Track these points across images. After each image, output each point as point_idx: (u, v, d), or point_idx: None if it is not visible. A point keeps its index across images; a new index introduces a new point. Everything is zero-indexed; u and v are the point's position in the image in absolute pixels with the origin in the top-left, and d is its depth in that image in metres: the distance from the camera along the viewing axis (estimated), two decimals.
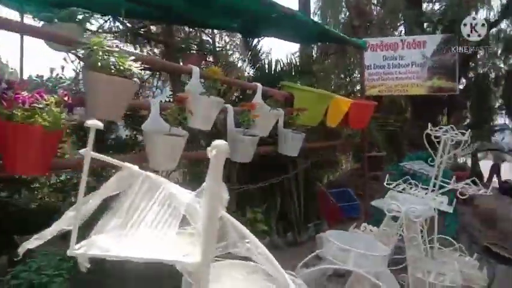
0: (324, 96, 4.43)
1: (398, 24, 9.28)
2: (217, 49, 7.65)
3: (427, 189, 3.73)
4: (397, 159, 7.21)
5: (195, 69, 2.84)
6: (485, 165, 12.28)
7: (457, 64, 6.30)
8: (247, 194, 5.26)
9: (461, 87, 12.51)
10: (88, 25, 4.12)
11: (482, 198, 6.17)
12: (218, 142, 0.99)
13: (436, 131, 4.24)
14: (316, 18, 12.88)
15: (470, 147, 7.39)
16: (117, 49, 1.90)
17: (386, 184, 3.89)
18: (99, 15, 5.30)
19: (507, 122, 14.49)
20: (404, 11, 9.70)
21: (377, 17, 9.30)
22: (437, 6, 11.62)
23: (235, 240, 1.07)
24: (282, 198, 5.79)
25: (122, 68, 1.87)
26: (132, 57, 2.00)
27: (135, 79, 2.02)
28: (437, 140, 4.15)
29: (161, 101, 3.39)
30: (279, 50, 26.14)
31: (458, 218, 5.86)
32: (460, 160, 14.74)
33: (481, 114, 11.70)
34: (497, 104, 13.47)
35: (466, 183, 3.68)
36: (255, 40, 6.30)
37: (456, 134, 4.10)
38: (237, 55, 8.41)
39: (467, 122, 12.42)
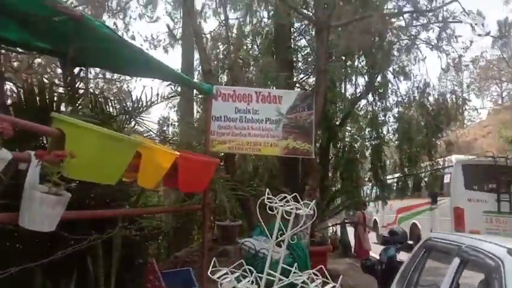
0: (120, 141, 3.08)
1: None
2: None
3: None
4: (249, 231, 6.18)
5: None
6: None
7: (313, 125, 5.62)
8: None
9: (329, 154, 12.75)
10: None
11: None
12: None
13: (271, 200, 3.25)
14: None
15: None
16: None
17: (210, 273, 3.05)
18: None
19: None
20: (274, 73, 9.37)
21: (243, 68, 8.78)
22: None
23: None
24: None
25: None
26: None
27: None
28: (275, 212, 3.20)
29: None
30: None
31: None
32: (332, 230, 14.62)
33: (350, 184, 11.67)
34: (366, 177, 13.89)
35: None
36: None
37: (294, 204, 3.16)
38: None
39: (335, 189, 12.35)
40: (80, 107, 4.60)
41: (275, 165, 11.91)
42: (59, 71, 6.43)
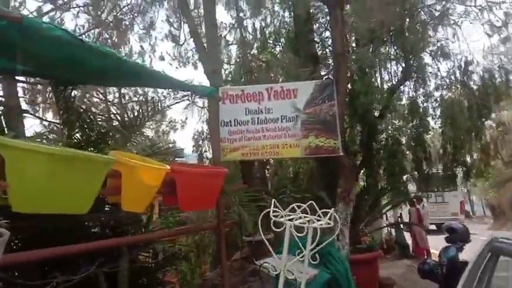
0: (83, 161, 2.53)
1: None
2: None
3: None
4: (277, 246, 5.49)
5: None
6: None
7: (337, 117, 4.87)
8: None
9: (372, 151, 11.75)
10: None
11: None
12: None
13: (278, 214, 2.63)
14: None
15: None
16: None
17: None
18: None
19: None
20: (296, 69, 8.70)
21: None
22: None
23: None
24: None
25: None
26: None
27: None
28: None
29: None
30: None
31: None
32: (387, 231, 13.50)
33: (394, 179, 10.67)
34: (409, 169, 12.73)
35: None
36: None
37: (303, 218, 2.52)
38: None
39: (382, 186, 11.32)
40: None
41: (314, 169, 11.16)
42: None
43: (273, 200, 2.89)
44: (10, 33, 2.56)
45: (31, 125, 16.05)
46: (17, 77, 5.00)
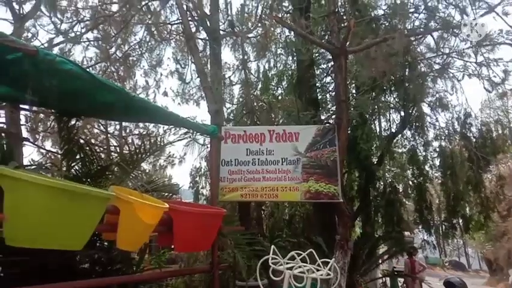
0: (83, 195, 2.48)
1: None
2: None
3: None
4: None
5: None
6: None
7: (338, 163, 4.86)
8: None
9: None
10: None
11: None
12: None
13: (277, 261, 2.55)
14: None
15: None
16: None
17: None
18: None
19: (425, 237, 13.48)
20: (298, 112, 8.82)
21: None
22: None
23: None
24: None
25: None
26: None
27: None
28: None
29: None
30: None
31: None
32: (383, 280, 13.14)
33: (392, 228, 10.53)
34: (411, 218, 12.59)
35: None
36: None
37: (302, 267, 2.42)
38: None
39: (379, 234, 11.12)
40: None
41: (310, 212, 11.01)
42: None
43: (272, 246, 2.81)
44: (23, 64, 2.59)
45: (30, 153, 15.97)
46: (20, 105, 5.03)
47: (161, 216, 3.07)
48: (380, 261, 10.38)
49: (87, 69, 3.34)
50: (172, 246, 4.33)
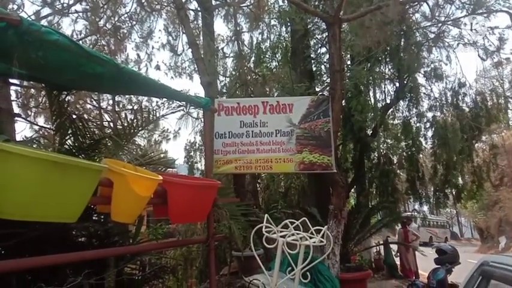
0: (75, 167, 2.47)
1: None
2: None
3: None
4: (267, 262, 5.40)
5: None
6: None
7: (331, 134, 4.86)
8: None
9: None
10: None
11: None
12: None
13: (270, 230, 2.56)
14: None
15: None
16: None
17: None
18: None
19: (416, 207, 13.70)
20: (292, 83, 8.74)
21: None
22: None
23: None
24: None
25: None
26: None
27: None
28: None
29: None
30: None
31: None
32: (376, 250, 13.43)
33: (386, 198, 10.67)
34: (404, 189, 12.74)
35: None
36: None
37: (295, 235, 2.44)
38: None
39: (373, 204, 11.28)
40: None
41: (306, 184, 11.11)
42: None
43: (266, 215, 2.83)
44: (7, 35, 2.51)
45: (22, 129, 15.84)
46: (10, 80, 4.94)
47: (155, 188, 3.08)
48: (374, 230, 10.58)
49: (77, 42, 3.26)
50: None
